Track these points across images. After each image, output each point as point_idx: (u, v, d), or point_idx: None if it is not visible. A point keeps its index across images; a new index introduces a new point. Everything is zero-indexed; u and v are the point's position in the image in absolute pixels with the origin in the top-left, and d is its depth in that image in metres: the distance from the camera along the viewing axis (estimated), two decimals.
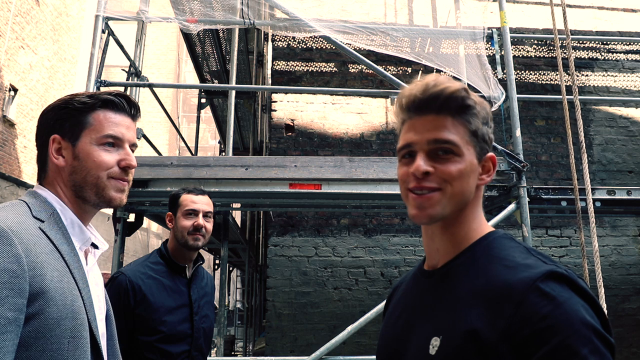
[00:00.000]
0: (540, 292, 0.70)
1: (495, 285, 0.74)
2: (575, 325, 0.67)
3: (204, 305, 1.94)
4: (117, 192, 1.01)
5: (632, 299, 4.97)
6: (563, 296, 0.69)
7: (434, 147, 0.82)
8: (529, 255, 0.78)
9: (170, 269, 1.90)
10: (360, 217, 4.98)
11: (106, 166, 0.99)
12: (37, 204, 0.96)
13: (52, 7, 12.60)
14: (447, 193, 0.82)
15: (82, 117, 1.00)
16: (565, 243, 5.10)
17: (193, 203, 1.91)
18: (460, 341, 0.74)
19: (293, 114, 5.13)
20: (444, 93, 0.83)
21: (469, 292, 0.77)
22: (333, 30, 3.30)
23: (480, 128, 0.85)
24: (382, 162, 3.15)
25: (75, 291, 0.91)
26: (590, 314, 0.69)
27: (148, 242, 22.31)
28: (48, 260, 0.87)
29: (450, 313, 0.78)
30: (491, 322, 0.72)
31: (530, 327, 0.68)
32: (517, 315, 0.70)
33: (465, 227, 0.86)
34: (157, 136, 21.98)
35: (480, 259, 0.81)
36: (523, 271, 0.74)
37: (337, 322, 4.61)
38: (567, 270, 0.74)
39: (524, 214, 3.14)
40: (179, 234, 1.89)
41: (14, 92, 11.08)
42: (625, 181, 5.16)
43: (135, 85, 3.99)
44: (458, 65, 3.70)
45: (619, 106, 5.36)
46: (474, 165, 0.84)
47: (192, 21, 3.35)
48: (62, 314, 0.86)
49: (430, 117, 0.84)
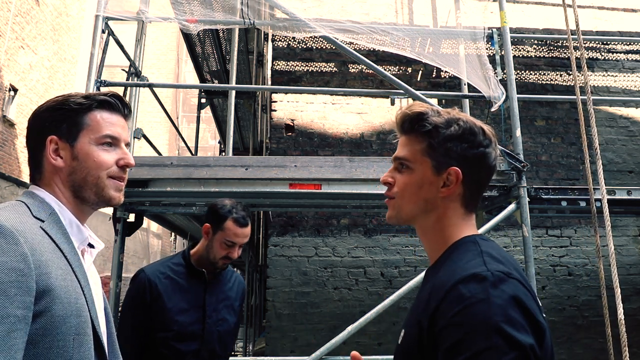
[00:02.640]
0: (458, 292, 0.78)
1: (437, 284, 0.85)
2: (476, 323, 0.73)
3: (222, 309, 1.97)
4: (116, 191, 1.03)
5: (632, 299, 4.97)
6: (477, 297, 0.76)
7: (397, 163, 1.01)
8: (475, 258, 0.85)
9: (189, 272, 1.94)
10: (360, 217, 4.98)
11: (106, 166, 1.01)
12: (36, 204, 0.96)
13: (52, 7, 12.60)
14: (397, 200, 0.99)
15: (79, 118, 1.01)
16: (566, 243, 5.10)
17: (236, 237, 1.91)
18: (412, 331, 0.86)
19: (293, 114, 5.13)
20: (406, 117, 0.99)
21: (427, 290, 0.89)
22: (333, 30, 3.29)
23: (441, 144, 0.94)
24: (382, 162, 3.15)
25: (78, 289, 0.92)
26: (502, 315, 0.73)
27: (148, 242, 22.29)
28: (52, 258, 0.88)
29: (414, 308, 0.92)
30: (425, 316, 0.82)
31: (443, 322, 0.77)
32: (438, 311, 0.79)
33: (441, 234, 0.96)
34: (157, 136, 21.96)
35: (443, 261, 0.92)
36: (458, 272, 0.82)
37: (337, 322, 4.61)
38: (496, 272, 0.79)
39: (524, 214, 3.13)
40: (211, 255, 1.92)
41: (14, 92, 11.07)
42: (625, 181, 5.16)
43: (135, 85, 3.98)
44: (458, 65, 3.70)
45: (619, 106, 5.35)
46: (426, 178, 0.95)
47: (192, 21, 3.34)
48: (67, 312, 0.87)
49: (401, 138, 1.02)
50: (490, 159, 0.96)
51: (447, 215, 0.96)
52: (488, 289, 0.76)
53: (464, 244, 0.92)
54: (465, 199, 0.96)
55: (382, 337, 4.67)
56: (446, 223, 0.95)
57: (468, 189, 0.96)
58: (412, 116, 0.97)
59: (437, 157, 0.94)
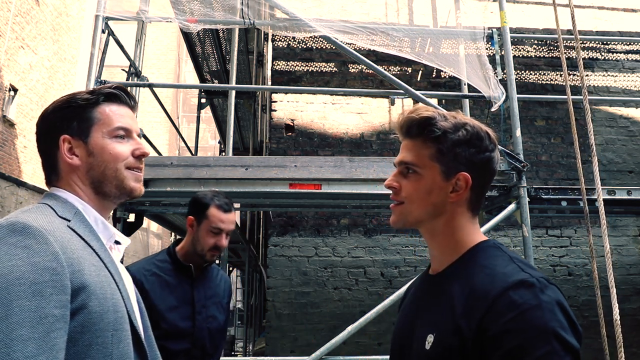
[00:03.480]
0: (509, 298, 0.79)
1: (476, 289, 0.84)
2: (534, 329, 0.75)
3: (210, 305, 1.93)
4: (136, 182, 1.02)
5: (632, 299, 4.97)
6: (529, 303, 0.77)
7: (401, 167, 0.99)
8: (509, 263, 0.87)
9: (175, 268, 1.91)
10: (360, 217, 4.98)
11: (123, 157, 1.00)
12: (60, 205, 0.96)
13: (52, 7, 12.60)
14: (405, 206, 0.97)
15: (88, 114, 1.00)
16: (566, 243, 5.10)
17: (221, 222, 1.89)
18: (448, 337, 0.84)
19: (293, 114, 5.13)
20: (408, 120, 0.97)
21: (458, 295, 0.87)
22: (333, 30, 3.29)
23: (450, 149, 0.94)
24: (382, 162, 3.15)
25: (113, 285, 0.92)
26: (555, 319, 0.76)
27: (148, 242, 22.29)
28: (83, 256, 0.88)
29: (443, 313, 0.88)
30: (469, 321, 0.81)
31: (496, 329, 0.77)
32: (487, 317, 0.79)
33: (452, 238, 0.96)
34: (157, 136, 21.95)
35: (468, 266, 0.91)
36: (499, 278, 0.83)
37: (337, 322, 4.61)
38: (540, 279, 0.82)
39: (524, 214, 3.13)
40: (198, 246, 1.88)
41: (14, 92, 11.07)
42: (625, 181, 5.16)
43: (135, 85, 3.98)
44: (458, 65, 3.70)
45: (619, 106, 5.35)
46: (435, 183, 0.95)
47: (192, 21, 3.34)
48: (104, 307, 0.87)
49: (405, 141, 1.00)
50: (495, 163, 0.98)
51: (455, 219, 0.96)
52: (538, 295, 0.78)
53: (486, 249, 0.93)
54: (472, 203, 0.97)
55: (382, 337, 4.67)
56: (455, 227, 0.96)
57: (474, 193, 0.97)
58: (420, 121, 0.96)
59: (447, 162, 0.94)
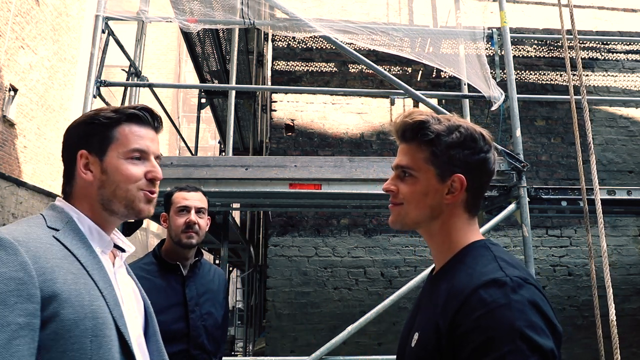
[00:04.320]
0: (479, 296, 0.80)
1: (455, 288, 0.86)
2: (500, 327, 0.76)
3: (205, 302, 1.89)
4: (146, 203, 1.04)
5: (632, 299, 4.97)
6: (498, 302, 0.78)
7: (398, 170, 1.01)
8: (490, 263, 0.88)
9: (162, 268, 1.88)
10: (360, 217, 4.98)
11: (135, 179, 1.02)
12: (53, 215, 0.99)
13: (52, 7, 12.60)
14: (404, 208, 0.99)
15: (108, 132, 1.02)
16: (565, 243, 5.10)
17: (184, 200, 1.89)
18: (429, 334, 0.87)
19: (293, 114, 5.13)
20: (402, 124, 0.99)
21: (442, 293, 0.89)
22: (333, 30, 3.29)
23: (445, 152, 0.95)
24: (382, 162, 3.15)
25: (95, 291, 0.93)
26: (524, 319, 0.76)
27: (148, 242, 22.30)
28: (60, 264, 0.90)
29: (428, 311, 0.92)
30: (444, 319, 0.84)
31: (465, 326, 0.79)
32: (458, 315, 0.81)
33: (448, 238, 0.98)
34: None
35: (456, 265, 0.93)
36: (476, 277, 0.84)
37: (337, 322, 4.61)
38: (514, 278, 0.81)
39: (524, 214, 3.13)
40: (172, 233, 1.87)
41: (14, 92, 11.07)
42: (625, 181, 5.16)
43: (135, 85, 3.98)
44: (458, 65, 3.70)
45: (619, 106, 5.35)
46: (431, 186, 0.96)
47: (192, 21, 3.34)
48: (80, 314, 0.88)
49: (401, 145, 1.02)
50: (491, 164, 0.99)
51: (452, 220, 0.97)
52: (508, 294, 0.79)
53: (475, 249, 0.94)
54: (468, 204, 0.98)
55: (382, 337, 4.67)
56: (451, 228, 0.97)
57: (471, 194, 0.98)
58: (414, 125, 0.97)
59: (441, 165, 0.95)
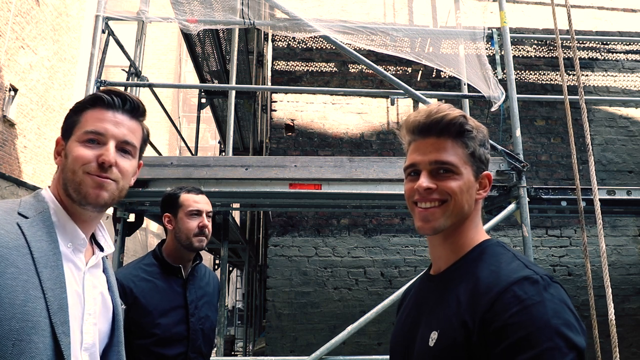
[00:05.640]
0: (513, 293, 0.80)
1: (481, 285, 0.85)
2: (538, 324, 0.76)
3: (202, 305, 1.89)
4: (94, 188, 0.96)
5: (632, 299, 4.97)
6: (533, 299, 0.79)
7: (435, 167, 0.95)
8: (514, 261, 0.88)
9: (164, 270, 1.86)
10: (360, 217, 4.98)
11: (81, 161, 0.96)
12: (30, 202, 0.96)
13: (52, 7, 12.60)
14: (449, 207, 0.94)
15: (75, 117, 1.02)
16: (565, 243, 5.10)
17: (196, 203, 1.87)
18: (453, 332, 0.85)
19: (293, 114, 5.13)
20: (445, 119, 0.95)
21: (462, 292, 0.88)
22: (333, 30, 3.29)
23: (478, 150, 0.97)
24: (382, 162, 3.15)
25: (35, 291, 0.86)
26: (558, 316, 0.77)
27: (147, 242, 22.30)
28: (7, 255, 0.84)
29: (446, 310, 0.89)
30: (473, 316, 0.83)
31: (499, 322, 0.78)
32: (491, 311, 0.80)
33: (463, 237, 0.97)
34: (157, 136, 21.97)
35: (473, 264, 0.92)
36: (504, 274, 0.85)
37: (337, 322, 4.61)
38: (544, 276, 0.83)
39: (524, 214, 3.13)
40: (182, 236, 1.84)
41: (14, 92, 11.07)
42: (625, 181, 5.16)
43: (135, 85, 3.98)
44: (458, 65, 3.70)
45: (619, 106, 5.35)
46: (471, 182, 0.96)
47: (192, 21, 3.34)
48: (7, 314, 0.81)
49: (432, 139, 0.96)
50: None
51: (474, 218, 0.99)
52: (541, 291, 0.80)
53: (490, 247, 0.95)
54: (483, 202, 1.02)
55: (382, 337, 4.68)
56: (470, 226, 0.98)
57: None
58: (460, 121, 0.95)
59: (476, 162, 0.97)
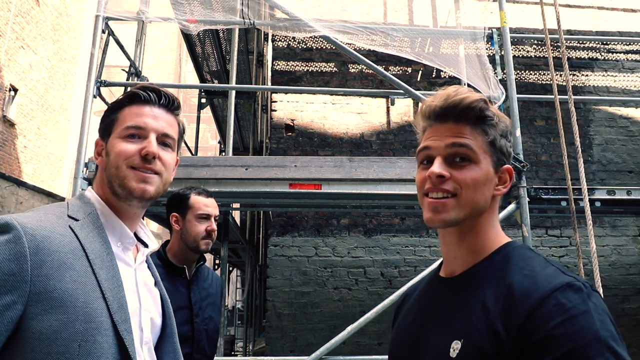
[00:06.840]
0: (557, 301, 0.72)
1: (514, 291, 0.76)
2: (588, 337, 0.69)
3: (206, 306, 1.89)
4: (138, 182, 0.97)
5: (632, 299, 4.97)
6: (579, 308, 0.71)
7: (451, 151, 0.85)
8: (548, 266, 0.80)
9: (168, 271, 1.86)
10: (360, 217, 4.98)
11: (125, 155, 0.97)
12: (78, 205, 0.98)
13: (52, 7, 12.60)
14: (461, 199, 0.84)
15: (113, 115, 1.03)
16: (565, 243, 5.10)
17: (206, 207, 1.88)
18: (481, 342, 0.76)
19: (293, 114, 5.13)
20: (464, 102, 0.86)
21: (490, 297, 0.79)
22: (333, 30, 3.29)
23: (499, 139, 0.87)
24: (382, 162, 3.15)
25: (95, 292, 0.87)
26: (606, 328, 0.70)
27: None
28: (64, 258, 0.85)
29: (471, 317, 0.80)
30: (507, 324, 0.74)
31: (543, 333, 0.70)
32: (531, 320, 0.72)
33: (482, 236, 0.88)
34: None
35: (500, 267, 0.83)
36: (542, 280, 0.76)
37: (337, 322, 4.61)
38: (585, 284, 0.76)
39: (524, 214, 3.14)
40: (189, 238, 1.85)
41: (14, 92, 11.07)
42: (625, 181, 5.16)
43: (135, 85, 3.98)
44: (458, 65, 3.70)
45: (618, 106, 5.35)
46: (489, 175, 0.86)
47: (192, 21, 3.34)
48: (71, 317, 0.82)
49: (450, 124, 0.87)
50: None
51: (492, 216, 0.89)
52: (586, 300, 0.73)
53: (516, 249, 0.86)
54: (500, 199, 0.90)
55: (382, 337, 4.68)
56: (489, 225, 0.89)
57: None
58: (480, 106, 0.86)
59: (496, 153, 0.88)
